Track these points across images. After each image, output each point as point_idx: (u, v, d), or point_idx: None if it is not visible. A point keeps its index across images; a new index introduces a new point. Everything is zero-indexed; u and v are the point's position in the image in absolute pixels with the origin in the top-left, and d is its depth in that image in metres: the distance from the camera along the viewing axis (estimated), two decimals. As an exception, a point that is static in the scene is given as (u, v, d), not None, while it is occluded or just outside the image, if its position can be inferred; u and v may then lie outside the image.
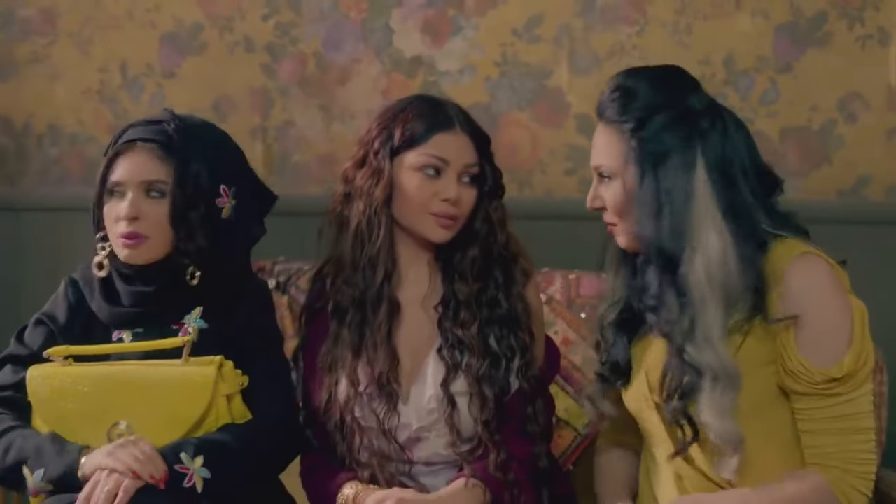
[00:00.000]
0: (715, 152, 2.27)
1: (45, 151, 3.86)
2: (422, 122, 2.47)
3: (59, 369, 2.41)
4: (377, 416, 2.40)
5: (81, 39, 3.83)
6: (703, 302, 2.21)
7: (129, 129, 2.54)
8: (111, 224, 2.49)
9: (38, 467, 2.31)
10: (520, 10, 3.62)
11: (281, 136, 3.71)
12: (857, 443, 2.20)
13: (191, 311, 2.46)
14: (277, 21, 3.72)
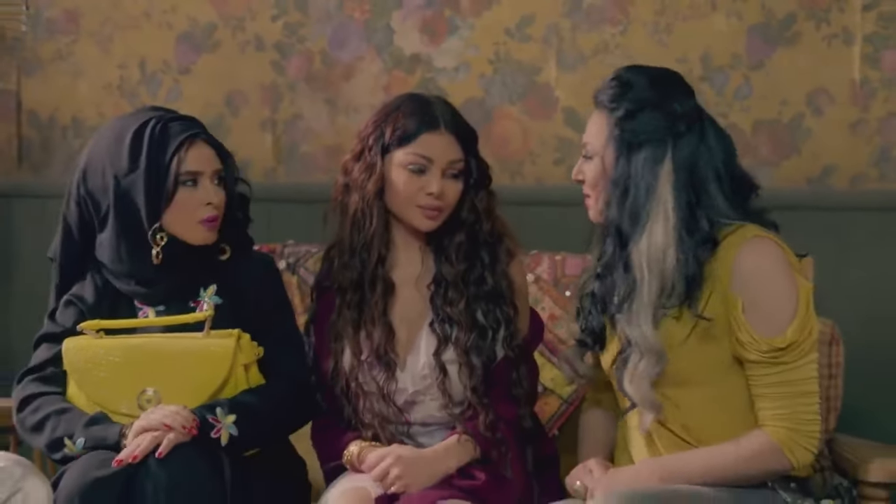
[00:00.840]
0: (684, 154, 2.43)
1: (69, 143, 3.94)
2: (409, 123, 2.63)
3: (92, 341, 2.61)
4: (377, 382, 2.59)
5: (102, 38, 3.90)
6: (641, 282, 2.40)
7: (170, 122, 2.65)
8: (188, 210, 2.62)
9: (79, 437, 2.50)
10: (511, 11, 3.71)
11: (289, 129, 3.79)
12: (802, 405, 2.38)
13: (206, 289, 2.65)
14: (286, 21, 3.80)
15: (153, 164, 2.61)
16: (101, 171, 2.64)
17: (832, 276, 3.27)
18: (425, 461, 2.52)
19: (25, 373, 2.65)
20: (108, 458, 2.47)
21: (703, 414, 2.42)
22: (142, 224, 2.61)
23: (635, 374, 2.40)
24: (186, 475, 2.41)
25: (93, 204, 2.66)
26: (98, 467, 2.45)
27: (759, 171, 3.48)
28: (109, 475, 2.43)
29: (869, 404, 3.27)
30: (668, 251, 2.39)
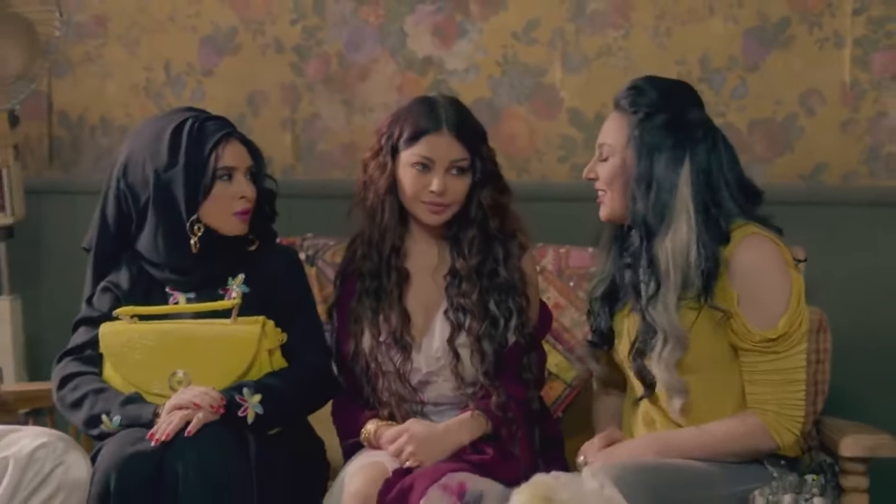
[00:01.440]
0: (701, 158, 2.60)
1: (98, 141, 4.02)
2: (415, 125, 2.77)
3: (127, 326, 2.77)
4: (394, 363, 2.75)
5: (129, 41, 3.98)
6: (667, 275, 2.56)
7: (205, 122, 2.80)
8: (224, 203, 2.77)
9: (116, 415, 2.66)
10: (519, 16, 3.77)
11: (308, 128, 3.87)
12: (789, 392, 2.54)
13: (234, 278, 2.80)
14: (304, 25, 3.87)
15: (192, 159, 2.75)
16: (142, 166, 2.77)
17: (823, 267, 3.31)
18: (438, 436, 2.66)
19: (65, 353, 2.81)
20: (142, 435, 2.62)
21: (704, 401, 2.58)
22: (180, 216, 2.75)
23: (661, 359, 2.55)
24: (214, 452, 2.56)
25: (132, 197, 2.79)
26: (133, 444, 2.61)
27: (755, 167, 3.56)
28: (144, 452, 2.59)
29: (855, 388, 3.34)
30: (690, 247, 2.55)
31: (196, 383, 2.71)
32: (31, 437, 2.55)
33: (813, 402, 2.93)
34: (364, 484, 2.58)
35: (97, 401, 2.70)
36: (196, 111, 2.86)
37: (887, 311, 3.53)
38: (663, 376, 2.56)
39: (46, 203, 3.95)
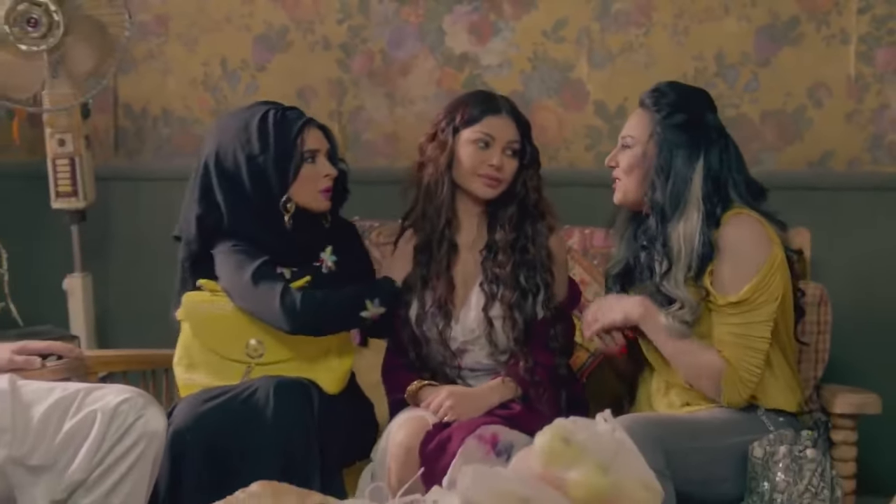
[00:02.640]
0: (713, 159, 2.89)
1: (159, 132, 4.23)
2: (477, 108, 3.06)
3: (207, 296, 3.07)
4: (437, 329, 3.05)
5: (189, 39, 4.19)
6: (678, 256, 2.86)
7: (285, 111, 3.07)
8: (311, 182, 3.04)
9: (373, 297, 2.99)
10: (548, 16, 3.94)
11: (353, 119, 4.07)
12: (748, 357, 2.82)
13: (324, 250, 3.10)
14: (350, 24, 4.07)
15: (281, 145, 3.03)
16: (233, 155, 3.04)
17: (828, 247, 3.59)
18: (474, 396, 2.97)
19: (287, 288, 2.98)
20: (213, 395, 2.94)
21: None
22: (274, 196, 3.02)
23: (674, 313, 2.85)
24: (285, 407, 2.86)
25: (226, 183, 3.04)
26: (204, 402, 2.93)
27: (766, 155, 3.80)
28: (214, 408, 2.91)
29: (855, 358, 3.54)
30: (696, 234, 2.85)
31: (269, 351, 3.02)
32: (115, 393, 2.85)
33: (813, 368, 3.21)
34: (407, 436, 2.87)
35: (353, 292, 3.02)
36: (273, 104, 3.13)
37: (887, 289, 3.73)
38: (669, 324, 2.85)
39: (112, 189, 4.18)
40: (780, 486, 2.73)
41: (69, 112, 3.86)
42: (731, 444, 2.79)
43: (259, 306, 3.01)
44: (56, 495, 2.81)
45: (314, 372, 3.05)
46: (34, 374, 3.03)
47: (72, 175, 3.89)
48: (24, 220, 4.13)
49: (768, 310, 2.83)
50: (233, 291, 3.06)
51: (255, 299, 3.01)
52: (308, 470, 2.83)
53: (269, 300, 2.98)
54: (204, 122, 4.19)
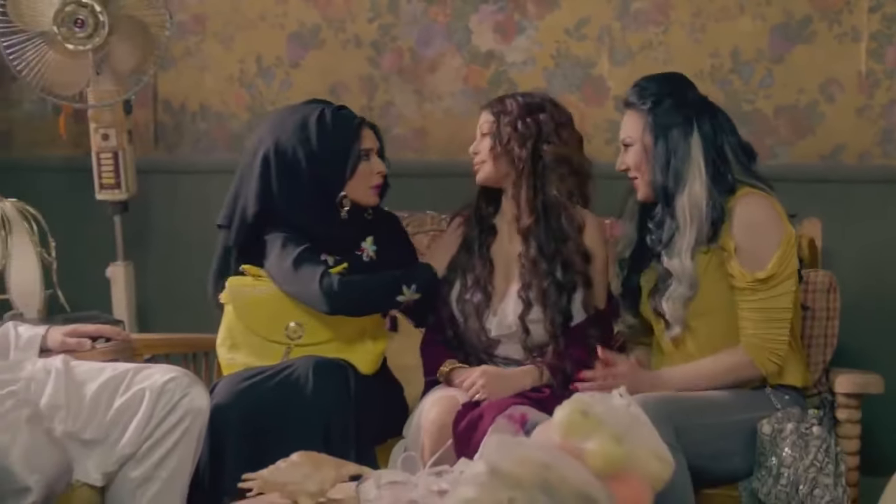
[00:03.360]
0: (706, 128, 3.07)
1: (197, 126, 4.39)
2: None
3: (250, 281, 3.28)
4: (476, 310, 3.24)
5: (225, 37, 4.33)
6: (684, 227, 3.03)
7: (340, 112, 3.27)
8: (365, 178, 3.24)
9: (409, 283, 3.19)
10: (570, 15, 4.07)
11: (383, 114, 4.18)
12: (774, 329, 3.01)
13: (365, 240, 3.30)
14: (380, 23, 4.21)
15: (341, 144, 3.23)
16: (293, 151, 3.22)
17: (839, 237, 3.73)
18: (506, 377, 3.16)
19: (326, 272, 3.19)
20: (251, 374, 3.15)
21: (712, 338, 3.07)
22: (332, 192, 3.23)
23: (671, 297, 3.04)
24: (323, 386, 3.06)
25: (284, 177, 3.21)
26: (243, 381, 3.13)
27: (779, 148, 3.93)
28: (253, 386, 3.11)
29: (862, 342, 3.68)
30: (703, 201, 3.02)
31: (309, 333, 3.22)
32: (162, 372, 3.07)
33: (822, 352, 3.35)
34: (440, 414, 3.06)
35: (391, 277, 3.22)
36: (324, 102, 3.33)
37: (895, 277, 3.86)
38: (670, 309, 3.04)
39: (152, 181, 4.33)
40: (786, 460, 2.92)
41: (113, 108, 4.03)
42: (738, 420, 2.97)
43: (300, 289, 3.21)
44: (107, 467, 3.02)
45: (350, 353, 3.24)
46: (85, 356, 3.25)
47: (115, 168, 4.08)
48: (70, 211, 4.28)
49: (789, 283, 3.02)
50: (276, 275, 3.26)
51: (297, 282, 3.21)
52: (344, 446, 3.01)
53: (308, 283, 3.18)
54: (240, 118, 4.35)
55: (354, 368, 3.21)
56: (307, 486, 2.53)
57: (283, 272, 3.23)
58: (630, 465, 2.36)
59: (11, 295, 3.86)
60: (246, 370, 3.20)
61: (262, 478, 2.57)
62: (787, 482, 2.91)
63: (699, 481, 2.92)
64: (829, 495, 2.90)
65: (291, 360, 3.20)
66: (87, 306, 3.99)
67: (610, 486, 2.29)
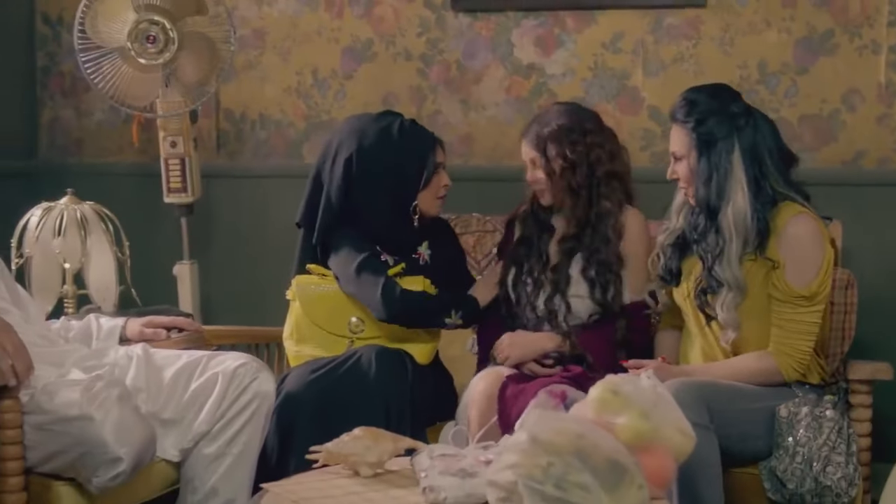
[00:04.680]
0: (747, 141, 3.29)
1: (257, 134, 4.64)
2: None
3: (315, 279, 3.59)
4: (527, 295, 3.56)
5: (283, 51, 4.58)
6: (730, 239, 3.28)
7: (416, 127, 3.57)
8: (435, 190, 3.53)
9: (458, 309, 3.50)
10: (607, 29, 4.27)
11: (431, 122, 4.32)
12: (802, 341, 3.27)
13: (422, 244, 3.60)
14: (428, 37, 4.44)
15: (421, 155, 3.52)
16: (377, 158, 3.50)
17: (858, 237, 3.92)
18: (526, 340, 3.50)
19: (388, 281, 3.49)
20: (318, 366, 3.44)
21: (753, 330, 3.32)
22: (407, 200, 3.52)
23: (726, 303, 3.29)
24: (385, 374, 3.36)
25: (366, 182, 3.49)
26: (314, 371, 3.43)
27: (804, 154, 3.94)
28: (320, 376, 3.40)
29: (878, 335, 3.87)
30: (747, 214, 3.26)
31: (369, 328, 3.53)
32: (233, 359, 3.40)
33: (840, 344, 3.59)
34: (486, 385, 3.39)
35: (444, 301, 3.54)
36: (395, 114, 3.62)
37: (913, 276, 4.05)
38: (725, 316, 3.30)
39: (215, 185, 4.60)
40: (801, 440, 3.20)
41: (180, 117, 4.33)
42: (763, 407, 3.25)
43: (361, 293, 3.53)
44: (184, 444, 3.35)
45: (407, 345, 3.56)
46: (161, 345, 3.58)
47: (182, 173, 4.37)
48: (140, 213, 4.57)
49: (824, 304, 3.28)
50: (340, 276, 3.58)
51: (359, 286, 3.53)
52: (400, 426, 3.30)
53: (371, 289, 3.50)
54: (297, 126, 4.61)
55: (412, 357, 3.53)
56: (367, 458, 2.84)
57: (347, 275, 3.55)
58: (656, 439, 2.68)
59: (90, 290, 4.19)
60: (314, 360, 3.51)
61: (326, 450, 2.88)
62: (802, 460, 3.18)
63: (726, 461, 3.19)
64: (841, 472, 3.18)
65: (356, 349, 3.50)
66: (156, 301, 4.23)
67: (637, 457, 2.60)
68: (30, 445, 3.07)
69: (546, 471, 2.43)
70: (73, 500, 3.14)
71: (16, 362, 3.00)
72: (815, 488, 3.18)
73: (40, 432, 3.06)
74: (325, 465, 2.91)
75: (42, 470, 3.13)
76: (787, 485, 3.20)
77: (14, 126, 4.89)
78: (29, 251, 4.11)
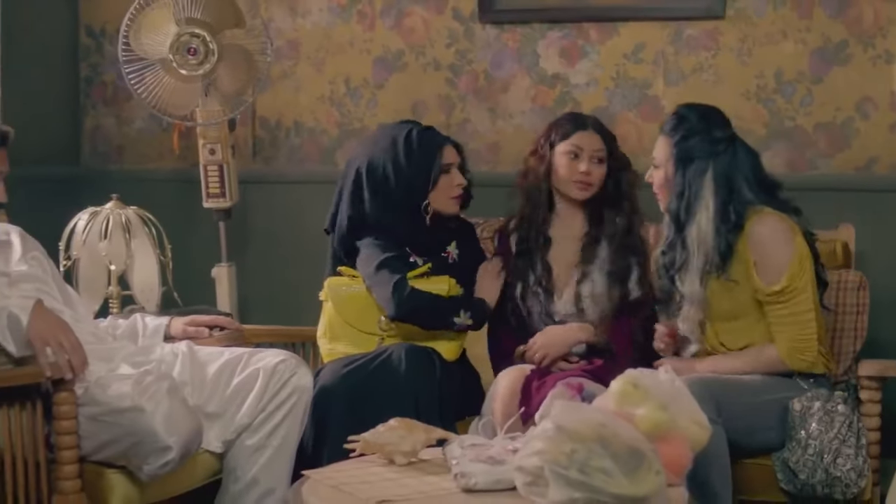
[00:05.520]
0: (720, 169, 3.46)
1: (291, 141, 4.80)
2: (568, 126, 3.75)
3: (346, 280, 3.77)
4: (540, 304, 3.73)
5: (317, 61, 4.74)
6: (691, 256, 3.46)
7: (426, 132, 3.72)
8: (446, 190, 3.68)
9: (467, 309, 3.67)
10: (629, 41, 4.41)
11: (460, 131, 4.51)
12: (800, 331, 3.44)
13: (451, 244, 3.77)
14: (457, 48, 4.59)
15: (425, 159, 3.70)
16: (383, 166, 3.70)
17: (871, 241, 4.05)
18: (558, 333, 3.67)
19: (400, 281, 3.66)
20: (350, 361, 3.62)
21: (739, 338, 3.51)
22: (417, 200, 3.70)
23: (685, 318, 3.49)
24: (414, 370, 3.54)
25: (376, 188, 3.69)
26: (346, 365, 3.61)
27: (818, 161, 4.25)
28: (352, 371, 3.58)
29: (889, 335, 3.99)
30: (709, 235, 3.44)
31: (397, 325, 3.70)
32: (273, 355, 3.60)
33: (853, 344, 3.79)
34: (511, 381, 3.58)
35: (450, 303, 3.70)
36: (414, 123, 3.80)
37: (925, 278, 4.17)
38: (686, 329, 3.51)
39: (251, 190, 4.75)
40: (813, 433, 3.38)
41: (218, 125, 4.52)
42: (769, 400, 3.43)
43: (376, 290, 3.72)
44: (226, 436, 3.56)
45: (435, 343, 3.73)
46: (204, 342, 3.78)
47: (220, 179, 4.55)
48: (180, 217, 4.75)
49: (807, 293, 3.44)
50: (364, 275, 3.77)
51: (375, 283, 3.73)
52: (430, 420, 3.41)
53: (384, 286, 3.69)
54: (330, 133, 4.78)
55: (439, 355, 3.71)
56: (402, 447, 3.03)
57: (367, 274, 3.75)
58: (673, 429, 2.86)
59: (134, 291, 4.40)
60: (347, 357, 3.70)
61: (364, 439, 3.07)
62: (814, 451, 3.36)
63: (736, 452, 3.38)
64: (850, 463, 3.36)
65: (387, 346, 3.69)
66: (195, 302, 4.38)
67: (656, 446, 2.78)
68: (84, 435, 3.27)
69: (570, 457, 2.61)
70: (124, 486, 3.34)
71: (72, 357, 3.21)
72: (826, 479, 3.36)
73: (94, 423, 3.27)
74: (362, 455, 3.08)
75: (95, 458, 3.33)
76: (799, 475, 3.38)
77: (58, 134, 5.08)
78: (76, 253, 4.31)
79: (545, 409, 2.88)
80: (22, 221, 3.76)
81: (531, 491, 2.67)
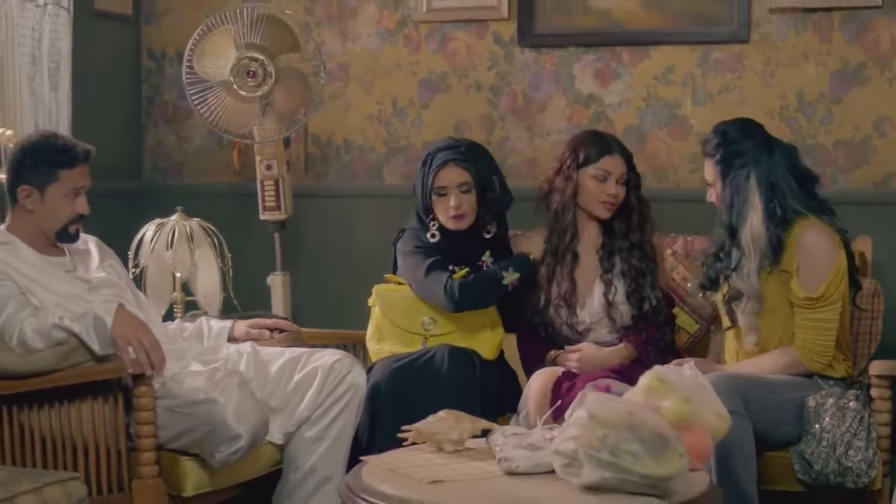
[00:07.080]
0: (762, 171, 3.76)
1: (341, 158, 5.05)
2: (595, 150, 4.02)
3: (393, 287, 4.11)
4: (564, 317, 4.03)
5: (366, 83, 5.01)
6: (749, 255, 3.76)
7: (436, 153, 4.00)
8: (443, 210, 3.96)
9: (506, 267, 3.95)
10: (659, 63, 4.65)
11: (500, 148, 4.77)
12: (821, 337, 3.73)
13: (485, 253, 4.06)
14: (497, 70, 4.84)
15: (421, 182, 4.03)
16: (414, 183, 4.09)
17: (886, 251, 4.30)
18: (601, 353, 3.96)
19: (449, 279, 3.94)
20: (401, 356, 3.93)
21: (773, 334, 3.81)
22: (423, 216, 4.04)
23: (744, 311, 3.77)
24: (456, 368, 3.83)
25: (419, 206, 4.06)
26: (395, 362, 3.93)
27: (838, 176, 4.48)
28: (402, 367, 3.90)
29: None
30: (761, 234, 3.74)
31: (441, 325, 4.02)
32: (330, 355, 3.93)
33: (868, 347, 4.07)
34: (543, 382, 3.89)
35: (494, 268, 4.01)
36: (449, 140, 4.09)
37: (938, 286, 4.40)
38: (744, 321, 3.80)
39: (303, 204, 5.00)
40: (827, 427, 3.69)
41: (275, 143, 4.81)
42: (791, 398, 3.73)
43: (429, 294, 4.04)
44: (287, 429, 3.89)
45: (474, 341, 4.05)
46: (265, 343, 4.12)
47: (276, 193, 4.84)
48: (238, 228, 5.03)
49: (837, 304, 3.73)
50: (412, 282, 4.10)
51: (427, 288, 4.05)
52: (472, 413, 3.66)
53: (436, 289, 4.01)
54: (378, 151, 5.05)
55: (479, 355, 4.02)
56: (450, 435, 3.36)
57: (417, 281, 4.07)
58: (696, 419, 3.17)
59: (197, 297, 4.74)
60: (395, 355, 4.02)
61: (416, 429, 3.40)
62: (827, 444, 3.67)
63: (760, 445, 3.67)
64: (861, 455, 3.67)
65: (430, 347, 4.01)
66: (252, 308, 4.64)
67: (680, 434, 3.11)
68: (161, 425, 3.61)
69: (602, 441, 2.94)
70: (196, 472, 3.69)
71: (152, 355, 3.56)
72: (838, 469, 3.66)
73: (171, 414, 3.62)
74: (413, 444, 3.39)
75: (171, 446, 3.68)
76: (814, 466, 3.68)
77: (122, 151, 5.38)
78: (144, 262, 4.64)
79: (574, 408, 3.17)
80: (90, 233, 4.04)
81: (567, 472, 3.01)
